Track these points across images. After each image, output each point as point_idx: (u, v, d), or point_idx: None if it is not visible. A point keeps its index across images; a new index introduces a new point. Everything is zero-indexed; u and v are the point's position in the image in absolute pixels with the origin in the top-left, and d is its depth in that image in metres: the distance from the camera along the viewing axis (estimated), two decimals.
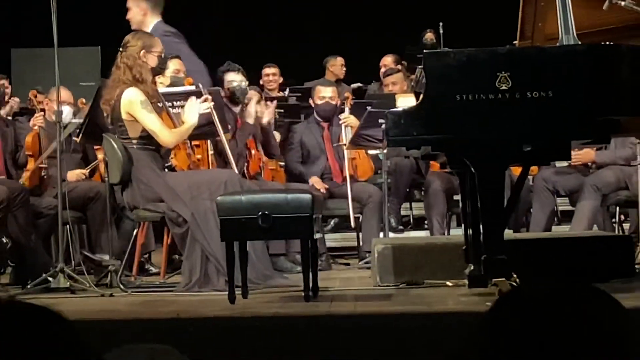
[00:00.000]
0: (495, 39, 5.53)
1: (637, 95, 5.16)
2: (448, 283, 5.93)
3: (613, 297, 1.66)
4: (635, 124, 5.67)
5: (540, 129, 5.06)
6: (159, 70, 6.77)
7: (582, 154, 7.86)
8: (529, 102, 5.00)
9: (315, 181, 8.25)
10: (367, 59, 10.53)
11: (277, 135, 8.65)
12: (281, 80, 9.91)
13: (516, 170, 5.95)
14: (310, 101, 8.79)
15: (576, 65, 5.12)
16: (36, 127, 7.71)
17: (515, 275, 4.92)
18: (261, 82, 9.52)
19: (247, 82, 8.12)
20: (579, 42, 5.29)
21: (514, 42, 5.76)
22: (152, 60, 6.59)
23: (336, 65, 10.45)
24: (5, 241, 6.53)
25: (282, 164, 8.45)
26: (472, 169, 5.13)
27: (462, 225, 6.16)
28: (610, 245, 6.46)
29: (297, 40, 11.14)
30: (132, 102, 6.41)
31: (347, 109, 8.52)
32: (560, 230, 8.25)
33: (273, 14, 11.67)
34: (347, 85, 10.10)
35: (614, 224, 8.10)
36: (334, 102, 8.66)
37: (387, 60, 10.05)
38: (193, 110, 6.59)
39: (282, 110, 9.01)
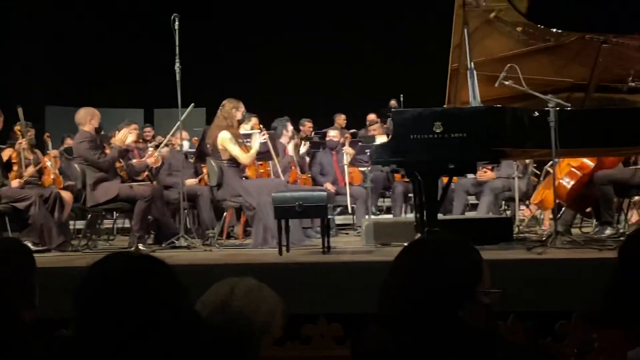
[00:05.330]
0: (431, 102, 5.49)
1: (514, 136, 5.19)
2: (405, 244, 5.91)
3: None
4: (514, 153, 5.72)
5: (459, 154, 5.04)
6: (242, 121, 6.80)
7: (488, 174, 7.87)
8: (452, 139, 4.99)
9: (328, 186, 8.23)
10: (357, 116, 10.51)
11: (307, 159, 8.66)
12: (311, 127, 9.84)
13: (444, 179, 5.93)
14: (326, 139, 8.84)
15: (479, 118, 5.12)
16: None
17: None
18: (300, 128, 9.49)
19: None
20: (481, 105, 5.31)
21: (444, 105, 5.77)
22: (239, 115, 6.62)
23: (340, 119, 10.47)
24: (150, 218, 6.56)
25: (310, 175, 8.46)
26: (419, 178, 5.16)
27: (413, 211, 6.18)
28: (498, 223, 6.49)
29: (320, 104, 11.05)
30: (224, 139, 6.46)
31: (347, 144, 8.55)
32: (470, 214, 8.23)
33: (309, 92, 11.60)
34: (347, 130, 10.02)
35: (500, 211, 8.06)
36: (337, 140, 8.71)
37: (371, 116, 10.06)
38: (256, 142, 6.63)
39: (310, 145, 9.01)
